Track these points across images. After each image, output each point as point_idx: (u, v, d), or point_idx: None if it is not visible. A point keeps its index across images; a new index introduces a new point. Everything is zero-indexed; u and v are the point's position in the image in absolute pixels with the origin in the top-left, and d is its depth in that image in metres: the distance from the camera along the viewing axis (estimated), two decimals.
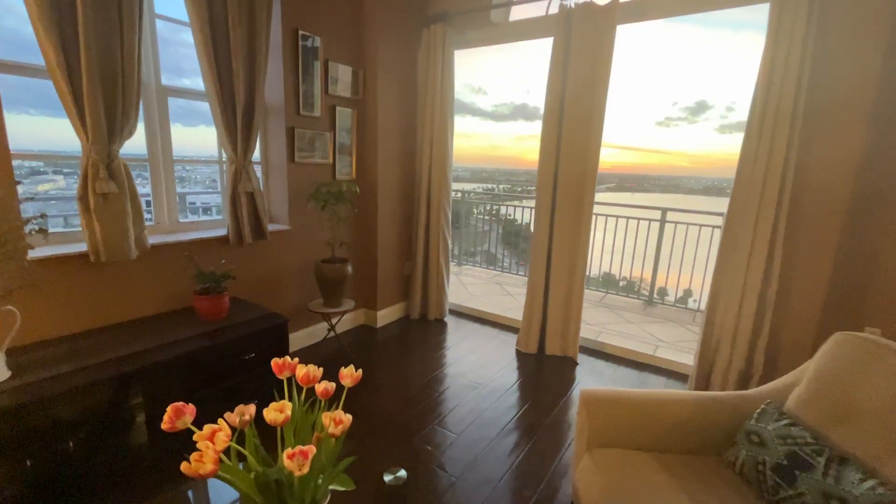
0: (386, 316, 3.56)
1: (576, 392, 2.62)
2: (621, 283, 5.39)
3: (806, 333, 2.40)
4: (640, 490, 1.21)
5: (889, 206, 2.17)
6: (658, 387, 2.72)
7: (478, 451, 2.04)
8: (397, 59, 3.25)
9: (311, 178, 2.90)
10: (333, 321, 2.97)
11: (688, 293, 4.79)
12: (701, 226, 4.26)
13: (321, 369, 0.98)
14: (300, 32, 2.68)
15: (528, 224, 5.93)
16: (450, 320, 3.71)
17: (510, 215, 6.75)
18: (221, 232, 2.49)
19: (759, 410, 1.34)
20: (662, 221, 4.41)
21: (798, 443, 1.18)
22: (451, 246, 3.73)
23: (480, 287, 4.79)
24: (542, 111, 2.93)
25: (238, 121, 2.35)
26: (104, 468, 1.63)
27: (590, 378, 2.80)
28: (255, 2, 2.33)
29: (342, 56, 2.99)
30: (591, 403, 1.43)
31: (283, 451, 0.79)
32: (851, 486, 1.03)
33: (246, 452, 0.82)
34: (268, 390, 2.15)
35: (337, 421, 0.83)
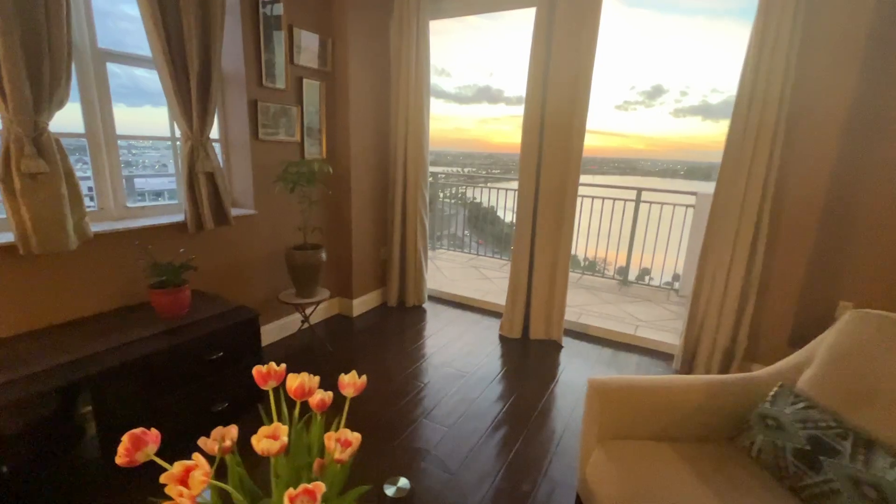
0: (362, 304, 3.39)
1: (564, 377, 2.57)
2: (593, 265, 5.43)
3: (787, 310, 2.43)
4: (661, 482, 1.14)
5: (862, 194, 2.21)
6: (644, 367, 2.71)
7: (471, 444, 1.93)
8: (369, 28, 3.01)
9: (277, 157, 2.65)
10: (308, 312, 2.77)
11: (645, 271, 4.89)
12: (674, 205, 4.30)
13: (317, 378, 0.82)
14: None
15: (493, 207, 5.86)
16: (429, 307, 3.58)
17: (475, 198, 6.64)
18: (178, 218, 2.23)
19: (772, 393, 1.29)
20: (637, 201, 4.41)
21: (820, 426, 1.14)
22: (428, 229, 3.57)
23: (457, 271, 4.67)
24: (505, 93, 3.07)
25: (193, 89, 2.07)
26: (48, 492, 1.41)
27: (576, 362, 2.76)
28: None
29: (308, 22, 2.72)
30: (603, 394, 1.34)
31: (277, 484, 0.64)
32: (884, 471, 0.99)
33: (230, 489, 0.66)
34: (241, 394, 1.96)
35: (343, 442, 0.68)
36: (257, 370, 0.83)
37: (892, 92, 2.11)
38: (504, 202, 5.64)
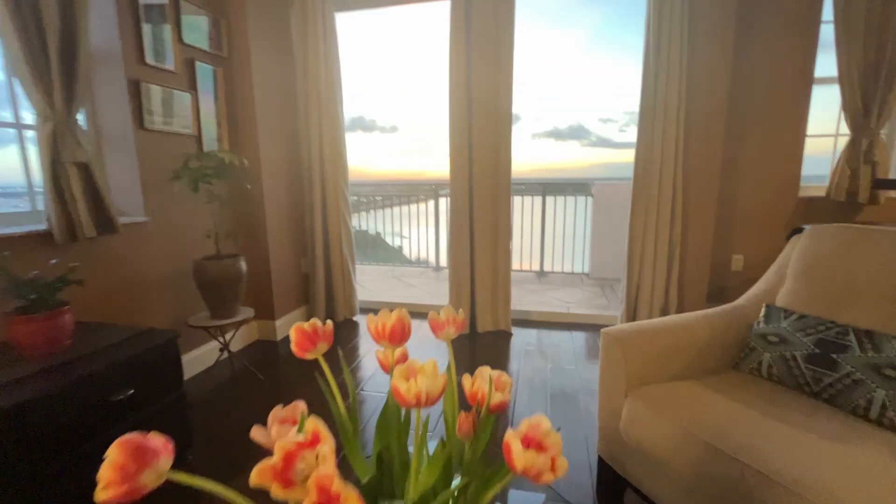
0: (286, 326, 2.93)
1: (522, 359, 2.50)
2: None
3: (702, 269, 2.72)
4: (708, 414, 1.09)
5: (742, 164, 2.65)
6: (593, 340, 2.79)
7: None
8: (270, 13, 2.69)
9: (169, 152, 2.17)
10: (227, 337, 2.28)
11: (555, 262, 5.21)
12: (575, 197, 4.68)
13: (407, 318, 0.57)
14: None
15: (380, 233, 5.74)
16: (362, 319, 3.26)
17: (360, 226, 6.45)
18: (37, 227, 1.65)
19: (762, 314, 1.37)
20: (543, 196, 4.68)
21: (819, 330, 1.22)
22: (353, 234, 3.27)
23: (380, 283, 4.39)
24: (378, 122, 2.79)
25: (52, 57, 1.57)
26: None
27: (531, 348, 2.72)
28: None
29: None
30: (623, 342, 1.28)
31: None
32: (893, 349, 1.07)
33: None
34: (176, 436, 1.48)
35: (497, 382, 0.47)
36: (299, 330, 0.56)
37: (753, 84, 2.56)
38: (391, 227, 5.54)
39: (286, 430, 0.39)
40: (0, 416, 1.07)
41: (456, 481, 0.47)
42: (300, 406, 0.46)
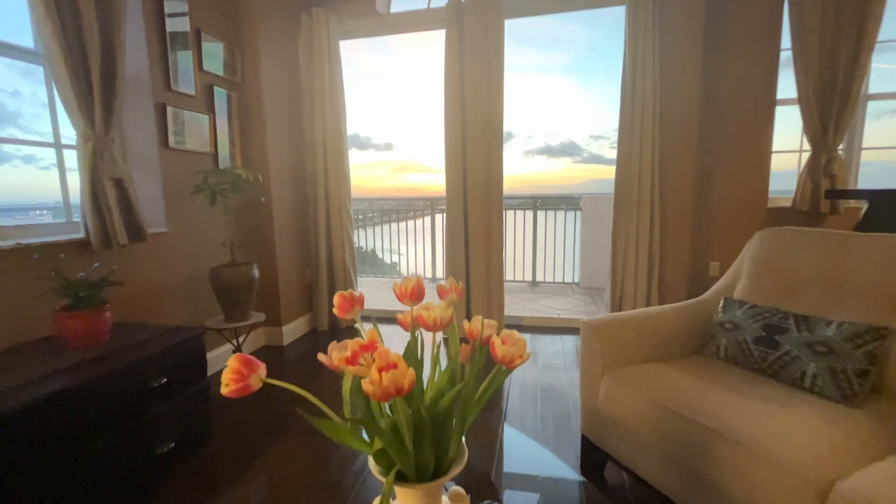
0: (292, 331, 3.09)
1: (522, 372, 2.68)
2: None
3: (682, 274, 2.93)
4: (674, 389, 1.28)
5: (715, 179, 2.90)
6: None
7: None
8: (281, 42, 2.94)
9: (189, 168, 2.37)
10: (240, 340, 2.44)
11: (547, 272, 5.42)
12: (566, 211, 4.91)
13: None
14: None
15: (373, 249, 5.92)
16: (364, 325, 3.42)
17: (355, 243, 6.59)
18: (72, 236, 1.83)
19: (721, 305, 1.57)
20: (535, 210, 4.91)
21: (765, 316, 1.42)
22: (356, 245, 3.46)
23: (378, 293, 4.56)
24: (373, 140, 3.03)
25: (95, 81, 1.78)
26: None
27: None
28: None
29: (216, 29, 2.56)
30: (599, 330, 1.47)
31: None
32: (823, 330, 1.28)
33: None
34: (187, 432, 1.64)
35: (489, 324, 0.66)
36: (341, 296, 0.75)
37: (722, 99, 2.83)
38: (386, 244, 5.71)
39: (342, 351, 0.58)
40: (65, 395, 1.23)
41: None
42: (349, 342, 0.64)
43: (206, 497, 1.51)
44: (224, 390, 0.55)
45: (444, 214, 3.17)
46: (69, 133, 1.84)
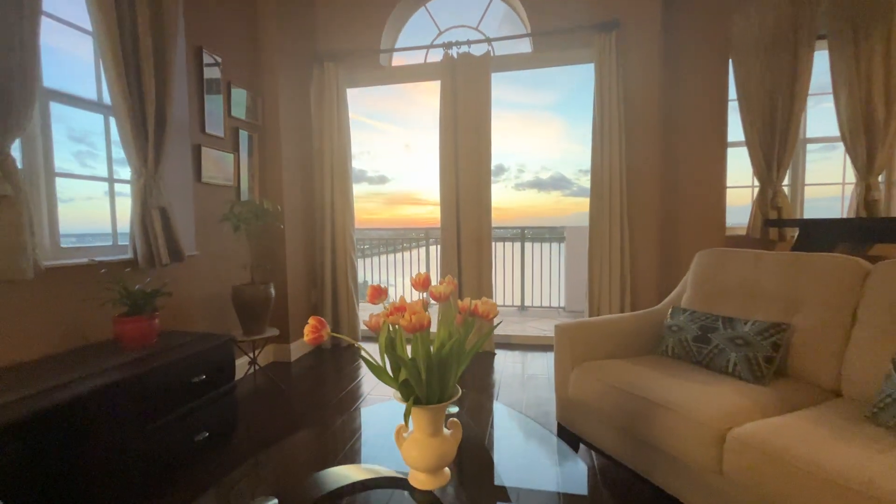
0: (298, 348, 3.36)
1: (503, 370, 2.96)
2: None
3: (652, 294, 3.28)
4: (630, 376, 1.59)
5: (679, 212, 3.28)
6: None
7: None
8: (294, 91, 3.36)
9: (217, 199, 2.71)
10: (255, 353, 2.70)
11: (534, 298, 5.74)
12: (551, 242, 5.29)
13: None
14: (204, 51, 2.61)
15: (367, 282, 6.20)
16: (364, 345, 3.69)
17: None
18: (121, 256, 2.14)
19: (670, 312, 1.90)
20: (522, 242, 5.29)
21: (701, 319, 1.75)
22: (365, 265, 3.78)
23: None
24: (367, 174, 3.46)
25: (150, 130, 2.14)
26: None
27: (512, 362, 3.19)
28: (163, 13, 2.23)
29: (242, 80, 2.97)
30: (569, 332, 1.79)
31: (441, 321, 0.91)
32: (741, 328, 1.61)
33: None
34: (217, 424, 1.90)
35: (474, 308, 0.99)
36: (372, 287, 1.07)
37: (678, 151, 3.26)
38: (377, 276, 5.93)
39: (382, 314, 0.90)
40: (128, 383, 1.51)
41: None
42: (389, 306, 0.96)
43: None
44: (307, 338, 0.86)
45: (439, 245, 3.51)
46: (118, 170, 2.18)
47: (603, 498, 1.25)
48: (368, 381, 2.87)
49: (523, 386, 2.72)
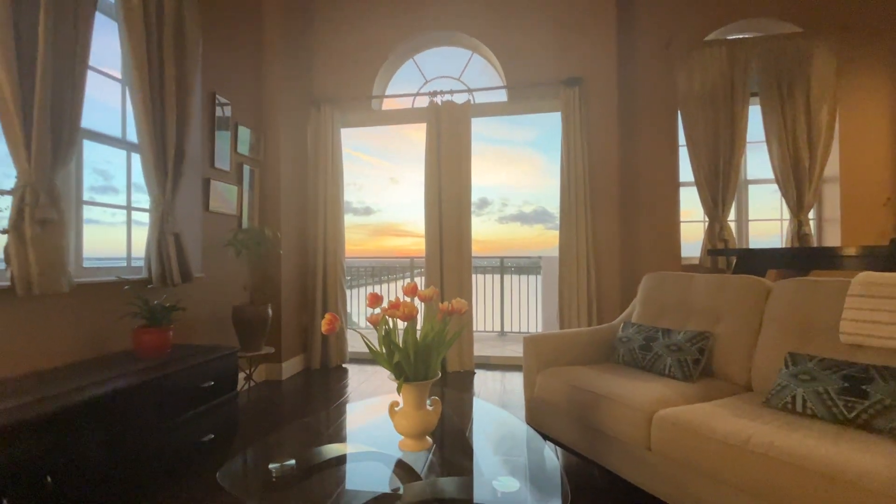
0: (289, 368, 3.55)
1: (482, 386, 3.21)
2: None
3: (615, 305, 3.61)
4: (586, 378, 1.88)
5: (638, 244, 3.69)
6: None
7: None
8: (293, 130, 3.71)
9: (221, 227, 2.97)
10: (251, 370, 2.90)
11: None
12: (528, 275, 5.64)
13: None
14: (217, 96, 2.95)
15: (350, 314, 6.33)
16: (351, 366, 3.90)
17: None
18: (135, 276, 2.37)
19: (622, 327, 2.22)
20: (501, 274, 5.63)
21: (647, 332, 2.07)
22: (348, 296, 4.03)
23: (360, 339, 5.03)
24: (353, 205, 3.79)
25: (169, 165, 2.43)
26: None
27: (491, 380, 3.44)
28: (186, 66, 2.57)
29: (247, 120, 3.30)
30: (535, 343, 2.09)
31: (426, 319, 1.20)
32: (676, 337, 1.93)
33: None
34: (222, 429, 2.11)
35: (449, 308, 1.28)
36: (371, 294, 1.36)
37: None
38: (358, 306, 6.11)
39: (381, 311, 1.17)
40: (146, 385, 1.74)
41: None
42: (381, 310, 1.24)
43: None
44: (324, 329, 1.14)
45: (424, 275, 3.81)
46: (136, 198, 2.45)
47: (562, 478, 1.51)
48: (356, 397, 3.07)
49: (500, 400, 2.97)
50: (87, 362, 1.94)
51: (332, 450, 1.33)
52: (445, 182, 3.72)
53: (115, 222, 2.57)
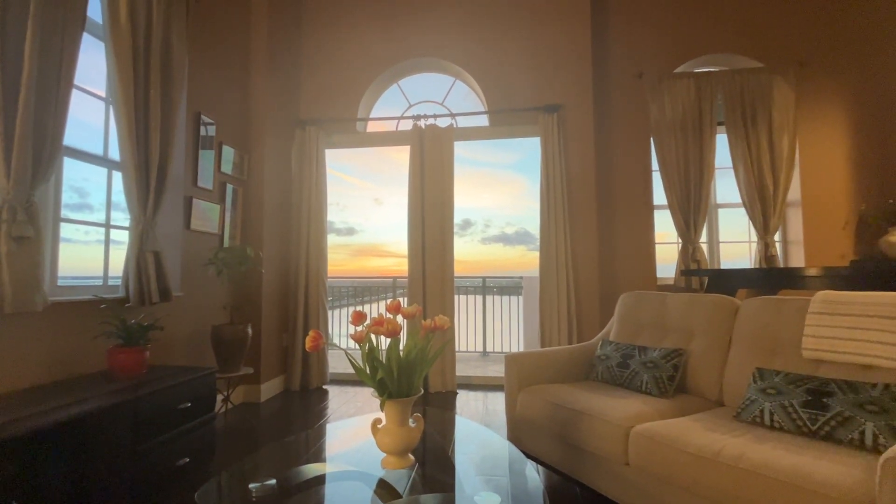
0: (268, 390, 3.47)
1: (464, 406, 3.21)
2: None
3: (594, 323, 3.68)
4: (565, 395, 1.92)
5: (616, 264, 3.80)
6: None
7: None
8: (277, 150, 3.73)
9: (203, 246, 2.95)
10: (229, 391, 2.84)
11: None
12: (509, 296, 5.70)
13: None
14: (202, 116, 2.97)
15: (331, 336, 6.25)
16: (331, 387, 3.84)
17: None
18: (113, 294, 2.33)
19: (599, 345, 2.28)
20: (483, 295, 5.68)
21: (624, 350, 2.13)
22: (329, 316, 4.00)
23: (340, 360, 4.96)
24: (336, 225, 3.85)
25: (151, 183, 2.42)
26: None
27: (473, 400, 3.43)
28: (171, 86, 2.60)
29: (232, 140, 3.32)
30: (516, 361, 2.12)
31: (410, 336, 1.22)
32: (652, 354, 1.99)
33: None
34: (198, 450, 2.05)
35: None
36: (355, 312, 1.38)
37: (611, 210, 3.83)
38: (341, 327, 6.11)
39: (365, 328, 1.19)
40: (121, 406, 1.69)
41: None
42: (368, 326, 1.26)
43: None
44: (308, 346, 1.15)
45: (406, 295, 3.82)
46: (114, 216, 2.43)
47: (544, 497, 1.52)
48: (337, 418, 3.03)
49: (483, 419, 2.97)
50: (60, 383, 1.88)
51: (312, 469, 1.32)
52: (429, 203, 3.78)
53: (89, 241, 2.53)
